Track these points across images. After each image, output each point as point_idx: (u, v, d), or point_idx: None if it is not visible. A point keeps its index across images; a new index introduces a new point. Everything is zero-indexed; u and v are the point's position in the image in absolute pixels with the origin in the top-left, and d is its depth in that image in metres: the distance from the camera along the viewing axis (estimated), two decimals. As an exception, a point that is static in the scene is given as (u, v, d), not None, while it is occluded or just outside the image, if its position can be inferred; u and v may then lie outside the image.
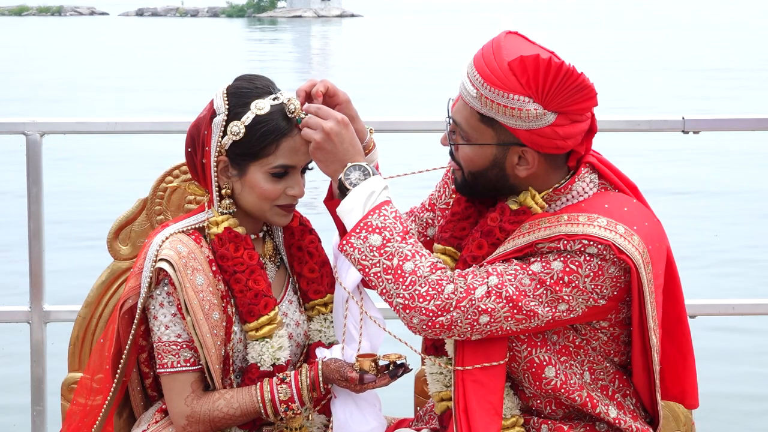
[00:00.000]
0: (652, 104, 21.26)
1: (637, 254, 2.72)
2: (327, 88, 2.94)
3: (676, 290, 2.90)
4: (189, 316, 2.86)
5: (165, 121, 4.01)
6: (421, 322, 2.73)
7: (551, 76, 2.66)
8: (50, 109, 21.13)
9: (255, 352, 2.93)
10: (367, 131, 3.01)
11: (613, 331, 2.83)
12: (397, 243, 2.75)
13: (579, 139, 2.76)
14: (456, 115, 2.82)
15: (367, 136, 3.00)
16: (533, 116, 2.69)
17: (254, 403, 2.89)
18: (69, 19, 72.19)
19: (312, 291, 3.05)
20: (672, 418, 3.30)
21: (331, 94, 2.95)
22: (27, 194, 3.76)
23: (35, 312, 3.76)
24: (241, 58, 34.60)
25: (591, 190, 2.84)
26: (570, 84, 2.67)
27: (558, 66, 2.66)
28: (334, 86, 2.96)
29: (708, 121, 4.00)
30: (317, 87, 2.93)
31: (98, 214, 9.30)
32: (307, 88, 2.95)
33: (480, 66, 2.73)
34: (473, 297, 2.71)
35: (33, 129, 3.75)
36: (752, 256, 11.11)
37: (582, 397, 2.81)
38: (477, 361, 2.78)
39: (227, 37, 50.05)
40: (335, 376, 2.90)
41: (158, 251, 2.89)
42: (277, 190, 2.93)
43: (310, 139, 2.84)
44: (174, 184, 3.27)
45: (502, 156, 2.78)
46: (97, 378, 2.99)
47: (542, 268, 2.72)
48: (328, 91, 2.94)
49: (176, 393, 2.90)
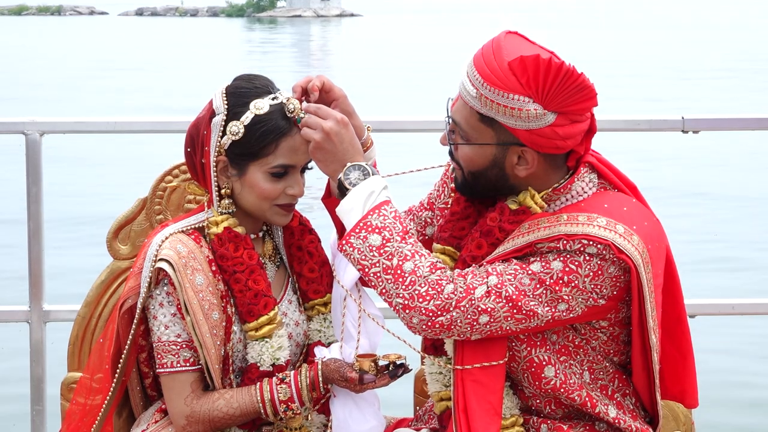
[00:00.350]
0: (651, 101, 21.26)
1: (636, 254, 2.71)
2: (323, 83, 2.93)
3: (675, 290, 2.90)
4: (189, 316, 2.85)
5: (164, 120, 4.01)
6: (421, 322, 2.73)
7: (551, 76, 2.66)
8: (50, 109, 21.12)
9: (255, 352, 2.93)
10: (364, 128, 3.00)
11: (612, 330, 2.83)
12: (397, 243, 2.75)
13: (579, 139, 2.76)
14: (455, 114, 2.81)
15: (365, 133, 3.00)
16: (533, 116, 2.69)
17: (254, 403, 2.89)
18: (68, 18, 72.16)
19: (312, 291, 3.05)
20: (672, 418, 3.30)
21: (327, 90, 2.94)
22: (26, 194, 3.76)
23: (35, 311, 3.76)
24: (241, 58, 34.60)
25: (590, 190, 2.83)
26: (570, 84, 2.67)
27: (558, 66, 2.66)
28: (330, 82, 2.95)
29: (708, 121, 4.00)
30: (313, 82, 2.92)
31: (98, 214, 9.29)
32: (303, 83, 2.94)
33: (480, 66, 2.73)
34: (473, 297, 2.71)
35: (32, 128, 3.74)
36: (752, 255, 11.11)
37: (581, 396, 2.81)
38: (476, 360, 2.78)
39: (227, 36, 50.04)
40: (335, 376, 2.89)
41: (158, 251, 2.89)
42: (277, 190, 2.93)
43: (310, 139, 2.84)
44: (173, 184, 3.27)
45: (502, 156, 2.78)
46: (97, 378, 2.99)
47: (542, 267, 2.72)
48: (324, 87, 2.93)
49: (176, 393, 2.90)
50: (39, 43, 42.63)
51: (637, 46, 40.69)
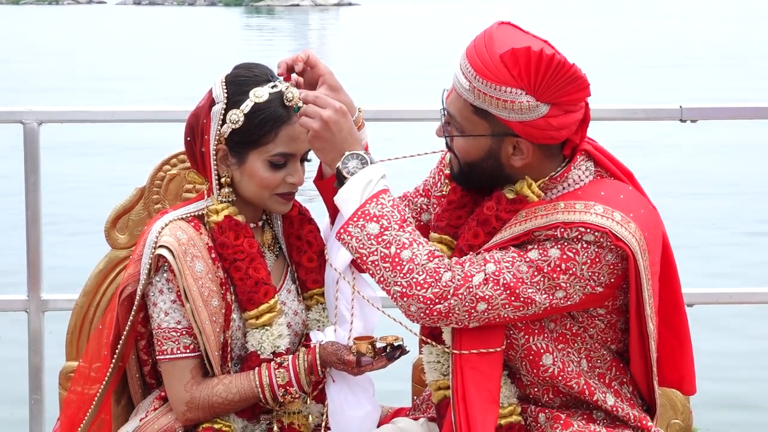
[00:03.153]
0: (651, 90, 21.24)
1: (634, 241, 2.72)
2: (308, 56, 2.94)
3: (672, 277, 2.91)
4: (188, 303, 2.86)
5: (163, 110, 4.01)
6: (419, 310, 2.74)
7: (543, 68, 2.66)
8: (48, 99, 21.09)
9: (255, 340, 2.94)
10: (354, 106, 3.01)
11: (610, 318, 2.83)
12: (395, 231, 2.75)
13: (573, 129, 2.76)
14: (450, 106, 2.82)
15: (355, 111, 3.00)
16: (526, 108, 2.70)
17: (252, 388, 2.89)
18: (66, 8, 71.99)
19: (311, 280, 3.06)
20: (669, 407, 3.30)
21: (312, 65, 2.95)
22: (24, 183, 3.76)
23: (33, 301, 3.77)
24: (239, 47, 34.54)
25: (587, 178, 2.84)
26: (562, 75, 2.68)
27: (549, 58, 2.66)
28: (315, 57, 2.96)
29: (706, 110, 4.01)
30: (298, 54, 2.94)
31: (95, 203, 9.28)
32: (289, 60, 2.95)
33: (472, 58, 2.73)
34: (471, 284, 2.72)
35: (30, 118, 3.75)
36: (749, 243, 11.12)
37: (579, 384, 2.82)
38: (474, 346, 2.79)
39: (224, 26, 49.94)
40: (332, 359, 2.90)
41: (158, 238, 2.90)
42: (277, 179, 2.93)
43: (308, 128, 2.84)
44: (172, 173, 3.27)
45: (497, 147, 2.78)
46: (95, 366, 3.00)
47: (539, 255, 2.73)
48: (308, 61, 2.95)
49: (176, 379, 2.90)
50: (37, 33, 42.55)
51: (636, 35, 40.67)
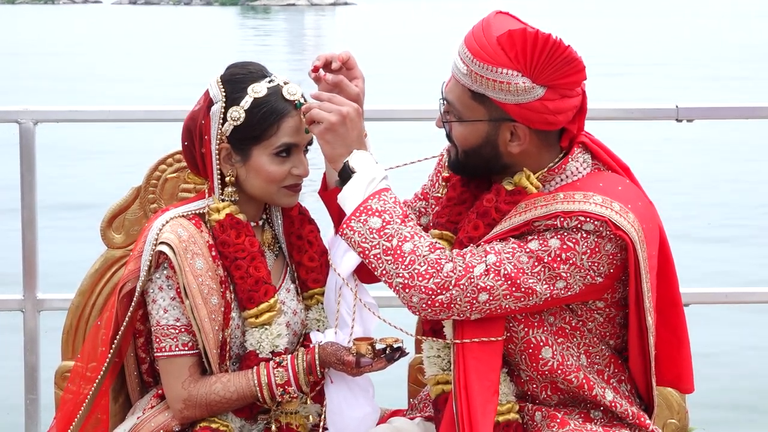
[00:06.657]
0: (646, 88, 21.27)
1: (633, 231, 2.73)
2: (349, 57, 3.00)
3: (670, 273, 2.91)
4: (188, 300, 2.86)
5: (159, 109, 4.02)
6: (421, 301, 2.74)
7: (539, 48, 2.69)
8: (44, 98, 21.09)
9: (254, 339, 2.93)
10: None
11: (609, 312, 2.84)
12: (397, 225, 2.77)
13: (570, 116, 2.78)
14: (448, 94, 2.84)
15: None
16: (522, 90, 2.71)
17: (251, 387, 2.89)
18: (62, 7, 71.99)
19: (311, 280, 3.06)
20: (666, 407, 3.31)
21: (350, 67, 3.01)
22: (20, 183, 3.76)
23: (29, 300, 3.77)
24: (235, 47, 34.56)
25: (585, 170, 2.85)
26: (557, 56, 2.70)
27: (545, 38, 2.69)
28: (355, 60, 3.02)
29: (702, 110, 4.01)
30: (341, 53, 2.99)
31: (91, 203, 9.28)
32: (329, 56, 3.00)
33: (470, 43, 2.76)
34: (472, 275, 2.72)
35: (26, 117, 3.74)
36: (744, 242, 11.13)
37: (579, 378, 2.82)
38: (475, 335, 2.79)
39: (220, 25, 49.96)
40: (332, 360, 2.90)
41: (159, 234, 2.90)
42: (283, 171, 2.94)
43: (322, 120, 2.84)
44: (168, 172, 3.27)
45: (495, 133, 2.79)
46: (91, 366, 2.99)
47: (540, 245, 2.74)
48: (348, 62, 2.99)
49: (174, 377, 2.90)
50: (32, 33, 42.53)
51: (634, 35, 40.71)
